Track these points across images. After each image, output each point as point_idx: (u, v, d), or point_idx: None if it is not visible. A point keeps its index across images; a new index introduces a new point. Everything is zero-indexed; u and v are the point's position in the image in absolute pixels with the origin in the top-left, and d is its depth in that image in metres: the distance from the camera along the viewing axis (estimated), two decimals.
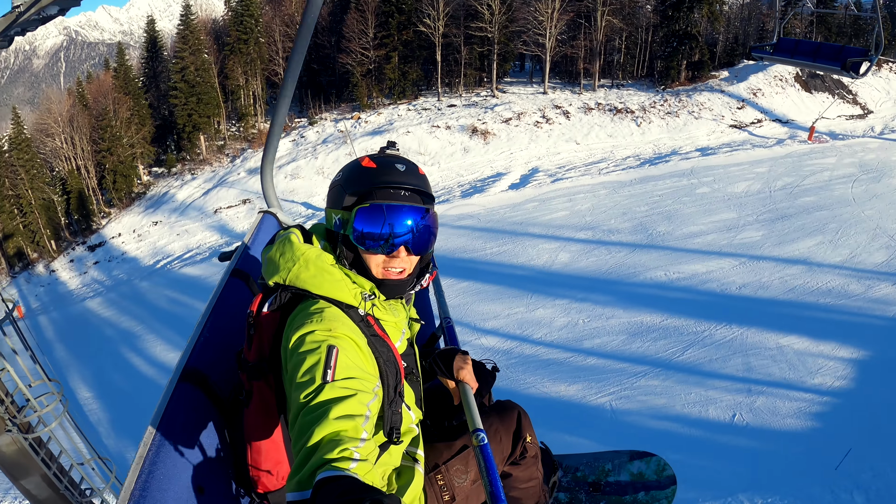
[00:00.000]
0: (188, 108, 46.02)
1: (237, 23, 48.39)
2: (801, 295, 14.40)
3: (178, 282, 23.59)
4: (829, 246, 16.69)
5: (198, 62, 46.67)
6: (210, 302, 2.49)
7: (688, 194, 22.22)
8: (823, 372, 11.56)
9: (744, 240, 17.61)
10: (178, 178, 43.40)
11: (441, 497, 2.14)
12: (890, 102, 37.86)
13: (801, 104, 36.52)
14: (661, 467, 3.06)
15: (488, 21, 42.99)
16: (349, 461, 1.36)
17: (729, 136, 33.91)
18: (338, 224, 1.91)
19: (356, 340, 1.73)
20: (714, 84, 39.88)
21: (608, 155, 33.19)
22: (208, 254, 27.77)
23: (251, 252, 3.06)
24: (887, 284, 14.57)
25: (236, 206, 34.96)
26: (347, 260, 1.91)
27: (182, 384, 1.96)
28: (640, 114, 37.07)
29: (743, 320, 13.37)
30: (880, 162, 24.84)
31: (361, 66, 44.69)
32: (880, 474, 9.23)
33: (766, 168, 24.37)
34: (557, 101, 39.73)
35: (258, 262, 2.95)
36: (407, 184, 1.88)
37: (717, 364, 12.14)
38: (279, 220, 3.64)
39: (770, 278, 15.23)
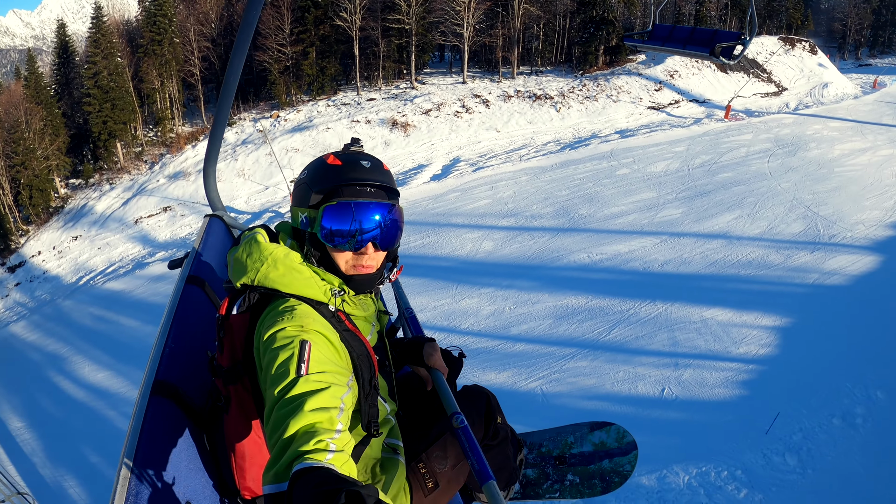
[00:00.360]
0: (103, 115, 44.58)
1: (150, 23, 47.33)
2: (723, 268, 14.78)
3: (102, 298, 22.81)
4: (748, 219, 17.19)
5: (111, 66, 45.27)
6: (168, 311, 2.44)
7: (608, 176, 22.55)
8: (748, 341, 11.84)
9: (664, 218, 17.96)
10: (96, 188, 42.06)
11: (425, 484, 2.18)
12: (803, 80, 39.48)
13: (717, 84, 37.76)
14: (622, 435, 3.19)
15: (405, 13, 42.98)
16: (325, 452, 1.38)
17: (647, 118, 34.72)
18: (304, 222, 1.94)
19: (328, 336, 1.77)
20: (632, 67, 40.88)
21: (529, 141, 33.50)
22: (131, 266, 27.02)
23: (203, 258, 3.05)
24: (805, 253, 15.09)
25: (157, 215, 34.22)
26: (315, 258, 1.95)
27: (154, 398, 1.92)
28: (560, 99, 37.59)
29: (667, 296, 13.59)
30: (795, 136, 25.81)
31: (279, 63, 44.26)
32: (810, 435, 9.53)
33: (684, 147, 24.96)
34: (477, 91, 39.96)
35: (211, 267, 3.04)
36: (373, 180, 1.92)
37: (643, 341, 12.29)
38: (226, 223, 3.71)
39: (691, 254, 15.56)
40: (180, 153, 40.74)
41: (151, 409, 1.86)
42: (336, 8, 43.84)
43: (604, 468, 3.12)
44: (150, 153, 44.44)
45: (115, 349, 17.40)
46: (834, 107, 32.78)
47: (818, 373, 10.82)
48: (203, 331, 2.16)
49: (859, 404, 10.14)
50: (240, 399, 1.89)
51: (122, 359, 16.58)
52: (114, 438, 12.73)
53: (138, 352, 15.78)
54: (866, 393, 10.36)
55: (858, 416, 9.90)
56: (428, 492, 2.18)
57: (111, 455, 12.54)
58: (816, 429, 9.62)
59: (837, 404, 10.12)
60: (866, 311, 12.53)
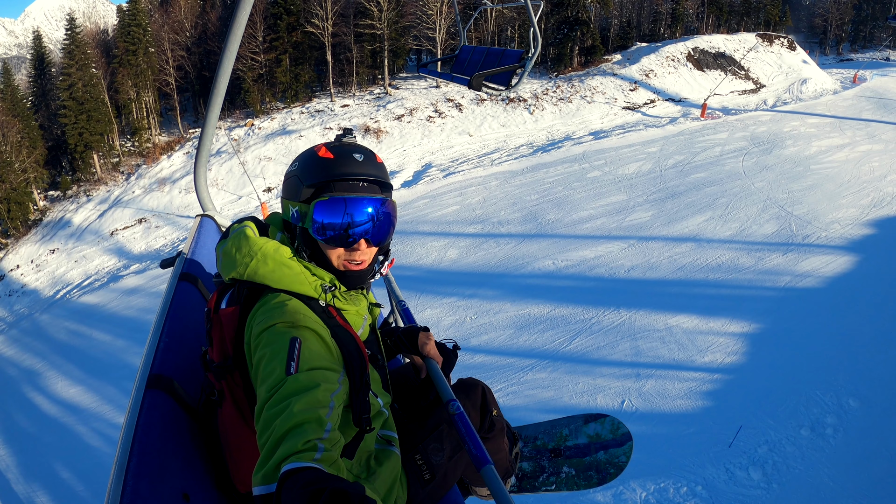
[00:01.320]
0: (78, 127, 44.50)
1: (124, 33, 47.47)
2: (691, 273, 14.44)
3: (77, 312, 22.57)
4: (719, 221, 16.91)
5: (85, 77, 45.14)
6: (162, 307, 2.48)
7: (578, 179, 22.28)
8: (714, 349, 11.49)
9: (633, 221, 17.65)
10: (73, 200, 41.71)
11: (422, 476, 2.21)
12: (781, 76, 39.54)
13: (693, 82, 37.75)
14: (616, 426, 3.29)
15: (377, 18, 43.17)
16: (313, 452, 1.42)
17: (622, 118, 34.56)
18: (295, 216, 1.95)
19: (319, 332, 1.77)
20: (607, 68, 40.78)
21: (502, 145, 33.33)
22: (106, 279, 26.79)
23: (195, 256, 3.12)
24: (777, 255, 14.80)
25: (132, 227, 34.08)
26: (306, 253, 1.96)
27: (150, 391, 1.96)
28: (533, 101, 37.41)
29: (631, 303, 13.24)
30: (771, 134, 25.74)
31: (252, 70, 44.33)
32: (776, 447, 9.16)
33: (657, 147, 24.77)
34: (450, 95, 39.71)
35: (202, 266, 3.07)
36: (366, 174, 1.94)
37: (605, 351, 11.90)
38: (217, 222, 3.77)
39: (659, 258, 15.23)
40: (156, 164, 40.69)
41: (147, 402, 1.90)
42: (308, 14, 43.92)
43: (599, 460, 3.21)
44: (127, 164, 44.34)
45: (87, 364, 17.23)
46: (812, 103, 32.79)
47: (787, 381, 10.46)
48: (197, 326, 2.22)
49: (830, 414, 9.81)
50: (233, 393, 1.89)
51: (93, 374, 16.37)
52: (84, 455, 12.90)
53: (109, 367, 15.99)
54: (838, 401, 10.02)
55: (829, 427, 9.56)
56: (425, 484, 2.21)
57: (81, 471, 12.58)
58: (783, 441, 9.25)
59: (806, 414, 9.77)
60: (839, 315, 12.20)
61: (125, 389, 14.30)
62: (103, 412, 14.27)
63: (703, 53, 39.82)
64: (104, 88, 47.02)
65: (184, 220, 32.45)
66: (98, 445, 13.18)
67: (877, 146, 23.67)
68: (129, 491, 1.56)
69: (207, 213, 3.84)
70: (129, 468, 1.63)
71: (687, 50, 39.80)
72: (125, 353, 16.59)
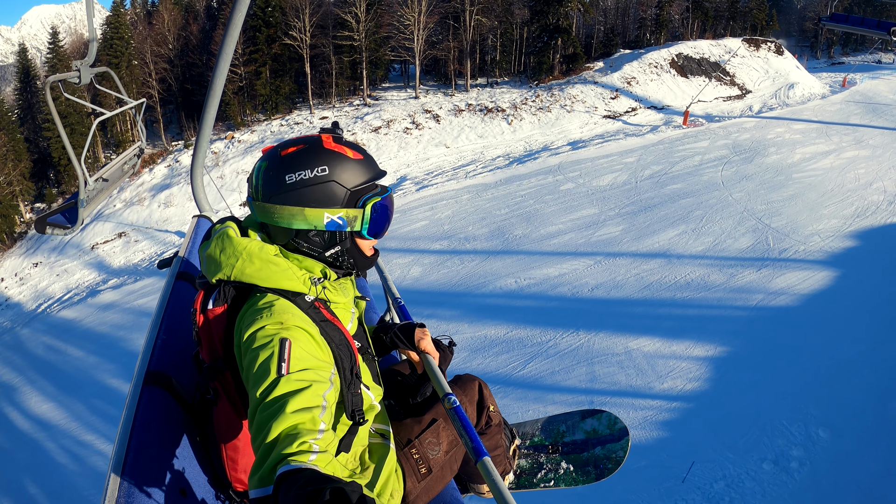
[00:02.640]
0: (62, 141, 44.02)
1: (107, 47, 48.04)
2: (657, 291, 13.92)
3: (56, 327, 22.37)
4: (692, 235, 16.42)
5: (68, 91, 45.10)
6: (160, 305, 2.61)
7: (551, 192, 21.82)
8: (674, 374, 10.97)
9: (602, 236, 17.16)
10: None
11: (418, 470, 2.27)
12: (768, 81, 39.29)
13: (676, 89, 37.40)
14: (613, 421, 3.35)
15: (355, 29, 43.55)
16: (308, 454, 1.43)
17: (602, 127, 34.16)
18: (340, 223, 1.95)
19: (308, 330, 1.79)
20: (588, 76, 40.45)
21: (479, 156, 33.02)
22: (85, 294, 26.60)
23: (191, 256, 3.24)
24: (751, 271, 14.30)
25: (112, 241, 34.08)
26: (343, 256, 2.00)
27: (147, 387, 2.03)
28: (512, 112, 37.05)
29: (592, 325, 12.72)
30: (754, 141, 25.34)
31: (232, 83, 44.62)
32: (734, 483, 8.72)
33: (635, 157, 24.32)
34: (428, 105, 39.55)
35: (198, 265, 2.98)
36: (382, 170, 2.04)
37: (559, 376, 11.39)
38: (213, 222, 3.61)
39: (625, 276, 14.71)
40: (137, 177, 40.71)
41: (145, 398, 1.97)
42: (285, 27, 44.35)
43: (596, 455, 3.26)
44: None
45: (60, 381, 17.11)
46: (799, 108, 32.53)
47: (751, 410, 9.95)
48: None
49: (796, 445, 9.29)
50: (226, 391, 1.94)
51: (65, 390, 16.20)
52: (51, 472, 12.83)
53: (80, 384, 15.93)
54: (806, 432, 9.51)
55: (794, 460, 9.04)
56: (421, 477, 2.26)
57: (49, 488, 12.53)
58: (742, 475, 8.76)
59: (770, 446, 9.25)
60: (813, 336, 11.69)
61: (93, 407, 14.49)
62: (71, 429, 14.10)
63: (687, 60, 39.63)
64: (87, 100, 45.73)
65: (162, 234, 32.28)
66: (64, 463, 13.03)
67: (864, 152, 23.31)
68: (127, 485, 1.63)
69: (204, 214, 4.01)
70: (127, 462, 1.69)
71: (671, 56, 39.61)
72: (95, 370, 16.48)
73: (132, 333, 17.53)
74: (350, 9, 43.25)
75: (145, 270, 26.74)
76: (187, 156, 40.69)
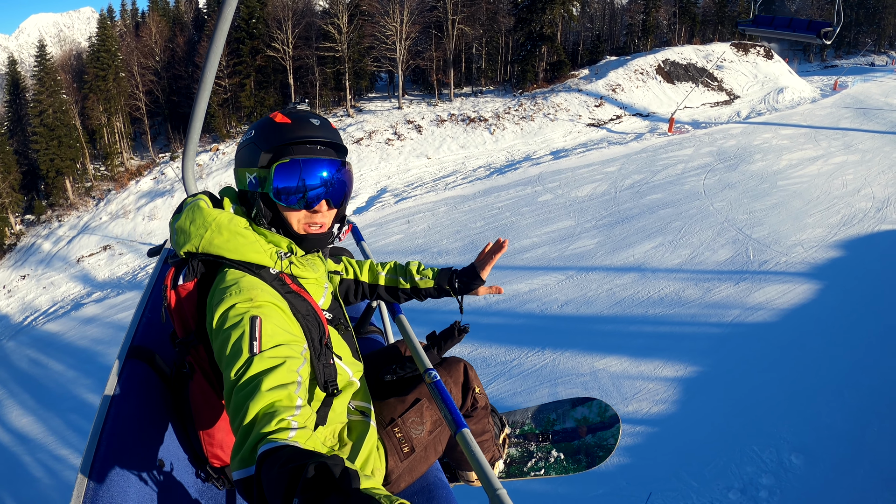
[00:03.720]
0: (49, 153, 46.48)
1: (94, 59, 49.50)
2: (629, 307, 13.41)
3: (40, 340, 22.48)
4: (669, 248, 15.97)
5: (56, 104, 47.12)
6: (148, 285, 2.74)
7: (529, 203, 21.46)
8: (640, 396, 10.45)
9: (576, 250, 16.70)
10: (46, 226, 43.85)
11: (400, 449, 2.31)
12: (757, 86, 39.32)
13: (662, 96, 37.40)
14: (603, 409, 3.42)
15: (338, 40, 44.21)
16: (288, 431, 1.43)
17: (586, 136, 34.09)
18: (254, 183, 1.99)
19: (278, 304, 1.82)
20: (573, 84, 40.60)
21: (460, 167, 32.97)
22: (69, 307, 26.67)
23: None
24: (729, 285, 13.81)
25: (97, 254, 35.11)
26: (266, 218, 2.00)
27: (130, 361, 2.11)
28: (494, 121, 37.15)
29: (559, 343, 12.21)
30: (740, 148, 25.12)
31: (216, 95, 45.55)
32: None
33: (616, 167, 24.00)
34: (410, 116, 39.82)
35: None
36: (323, 138, 1.99)
37: (520, 398, 10.81)
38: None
39: (597, 291, 14.23)
40: (124, 189, 41.83)
41: (127, 371, 2.06)
42: (268, 38, 45.14)
43: (587, 443, 3.31)
44: (98, 189, 46.04)
45: (40, 394, 17.14)
46: (789, 112, 32.44)
47: (720, 434, 9.42)
48: None
49: (766, 473, 8.77)
50: (200, 366, 1.98)
51: (45, 405, 16.20)
52: (26, 484, 12.76)
53: (58, 398, 15.90)
54: (778, 458, 9.00)
55: (763, 489, 8.52)
56: (404, 456, 2.30)
57: (24, 500, 12.55)
58: None
59: (738, 474, 8.73)
60: (788, 355, 11.17)
61: (70, 421, 14.42)
62: (48, 443, 14.00)
63: (673, 65, 39.58)
64: (76, 114, 49.39)
65: (147, 247, 31.14)
66: (40, 476, 12.94)
67: (853, 157, 23.06)
68: (103, 451, 1.73)
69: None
70: (105, 430, 1.79)
71: (657, 62, 39.62)
72: (73, 385, 16.49)
73: (110, 348, 17.32)
74: (332, 20, 43.86)
75: (127, 284, 27.05)
76: (172, 168, 41.64)
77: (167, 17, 63.16)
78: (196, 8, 70.75)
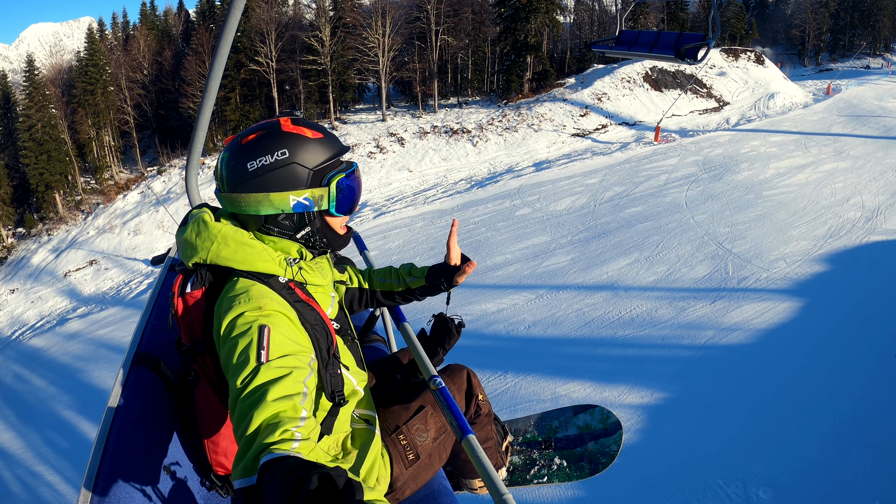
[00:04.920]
0: (39, 167, 47.12)
1: (82, 73, 50.48)
2: (598, 329, 12.93)
3: (25, 355, 22.44)
4: (645, 264, 15.51)
5: (45, 118, 47.77)
6: (153, 292, 2.71)
7: (506, 218, 21.07)
8: None
9: (549, 267, 16.27)
10: (36, 240, 44.49)
11: (405, 456, 2.35)
12: (747, 92, 39.24)
13: (650, 104, 37.24)
14: (605, 416, 3.48)
15: (321, 53, 44.86)
16: (291, 442, 1.44)
17: (570, 146, 33.88)
18: (307, 204, 1.98)
19: (287, 314, 1.83)
20: (558, 93, 40.56)
21: (441, 180, 32.79)
22: (55, 322, 26.77)
23: None
24: (705, 304, 13.33)
25: (84, 269, 35.32)
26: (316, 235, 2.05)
27: (136, 367, 2.13)
28: (477, 133, 37.03)
29: (522, 367, 11.74)
30: (727, 157, 24.73)
31: None
32: None
33: (598, 178, 23.61)
34: (393, 129, 39.78)
35: None
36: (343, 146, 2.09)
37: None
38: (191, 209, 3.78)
39: (566, 312, 13.76)
40: (111, 203, 42.32)
41: (132, 377, 2.08)
42: (252, 52, 45.65)
43: (590, 450, 3.36)
44: (88, 202, 46.48)
45: (22, 410, 16.94)
46: (779, 119, 32.20)
47: (682, 466, 8.90)
48: None
49: None
50: (206, 374, 2.00)
51: (25, 420, 15.98)
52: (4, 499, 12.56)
53: (39, 414, 15.70)
54: (744, 492, 8.49)
55: None
56: (409, 464, 2.35)
57: None
58: None
59: None
60: (762, 380, 10.68)
61: (47, 438, 14.26)
62: (25, 459, 13.74)
63: (661, 73, 39.45)
64: (65, 128, 49.80)
65: (131, 262, 33.27)
66: (17, 492, 12.70)
67: (843, 164, 22.74)
68: (109, 457, 1.72)
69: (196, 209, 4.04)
70: (111, 435, 1.79)
71: (644, 70, 39.47)
72: (53, 401, 16.28)
73: (90, 365, 17.36)
74: (315, 33, 44.46)
75: (111, 300, 27.01)
76: (159, 182, 42.19)
77: (156, 30, 63.61)
78: (186, 21, 70.95)
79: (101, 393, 15.11)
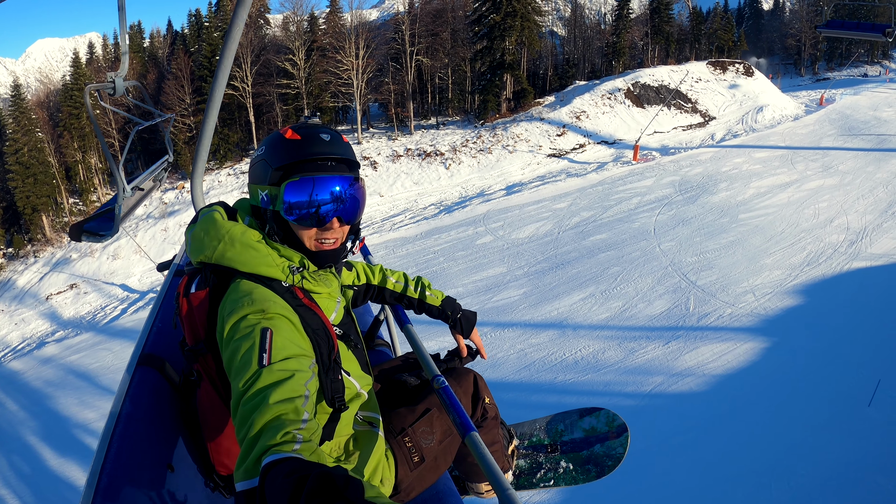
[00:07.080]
0: (25, 190, 48.21)
1: (67, 97, 52.08)
2: (538, 372, 12.07)
3: (3, 378, 22.23)
4: (600, 299, 14.70)
5: (31, 142, 48.98)
6: (159, 295, 2.85)
7: (466, 247, 20.43)
8: None
9: (499, 302, 15.52)
10: (23, 261, 44.75)
11: (411, 458, 2.35)
12: (735, 105, 38.96)
13: (631, 121, 36.87)
14: (611, 418, 3.49)
15: (296, 76, 45.75)
16: (292, 443, 1.45)
17: (546, 167, 33.56)
18: (265, 200, 2.03)
19: (289, 317, 1.85)
20: (535, 112, 40.39)
21: (412, 205, 32.57)
22: (34, 345, 26.91)
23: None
24: (657, 345, 12.46)
25: (65, 292, 35.56)
26: (278, 235, 2.05)
27: (141, 367, 2.18)
28: (451, 155, 36.77)
29: None
30: (706, 176, 24.16)
31: (182, 133, 47.54)
32: None
33: (567, 202, 23.03)
34: (367, 152, 39.60)
35: None
36: (333, 153, 2.02)
37: None
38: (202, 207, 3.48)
39: (508, 352, 12.93)
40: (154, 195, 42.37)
41: (137, 377, 2.14)
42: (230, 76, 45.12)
43: (596, 453, 3.38)
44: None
45: None
46: (767, 133, 31.79)
47: None
48: None
49: None
50: (209, 375, 2.04)
51: None
52: None
53: (7, 438, 15.52)
54: None
55: None
56: (414, 466, 2.35)
57: None
58: None
59: None
60: (709, 434, 9.83)
61: (11, 462, 14.10)
62: None
63: (644, 88, 39.13)
64: (51, 151, 50.92)
65: (109, 287, 33.42)
66: None
67: (830, 180, 22.13)
68: (113, 454, 1.76)
69: None
70: (115, 434, 1.83)
71: (626, 85, 39.24)
72: (21, 426, 16.12)
73: (59, 391, 17.34)
74: (289, 56, 45.34)
75: (86, 325, 26.99)
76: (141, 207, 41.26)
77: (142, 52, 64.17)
78: (172, 43, 71.08)
79: (64, 421, 14.95)
